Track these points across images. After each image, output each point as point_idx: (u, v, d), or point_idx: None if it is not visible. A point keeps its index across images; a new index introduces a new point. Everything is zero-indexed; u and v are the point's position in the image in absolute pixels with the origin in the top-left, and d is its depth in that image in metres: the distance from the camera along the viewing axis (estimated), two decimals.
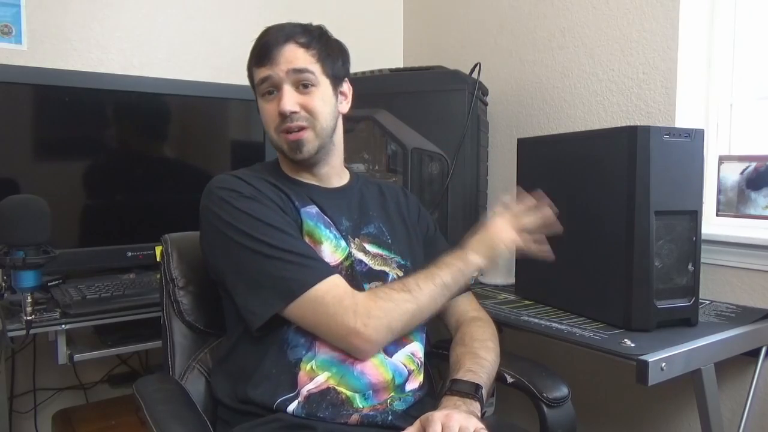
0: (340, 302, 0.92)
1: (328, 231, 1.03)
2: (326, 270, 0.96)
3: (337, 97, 1.07)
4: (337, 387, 0.93)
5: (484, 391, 0.94)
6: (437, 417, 0.83)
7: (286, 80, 1.00)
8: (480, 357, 1.01)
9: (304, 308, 0.92)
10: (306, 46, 1.02)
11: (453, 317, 1.14)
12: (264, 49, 1.01)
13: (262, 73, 1.01)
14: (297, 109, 1.00)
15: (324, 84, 1.04)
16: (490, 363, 1.01)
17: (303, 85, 1.01)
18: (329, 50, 1.05)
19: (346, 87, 1.11)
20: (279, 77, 1.00)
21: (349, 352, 0.94)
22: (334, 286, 0.93)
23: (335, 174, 1.12)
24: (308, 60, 1.02)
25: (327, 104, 1.04)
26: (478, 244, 1.05)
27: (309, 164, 1.07)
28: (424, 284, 0.97)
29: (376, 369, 0.96)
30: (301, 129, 1.01)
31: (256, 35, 1.06)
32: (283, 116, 1.00)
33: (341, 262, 1.02)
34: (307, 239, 1.00)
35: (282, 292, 0.93)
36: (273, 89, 1.02)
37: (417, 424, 0.85)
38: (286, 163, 1.10)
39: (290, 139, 1.02)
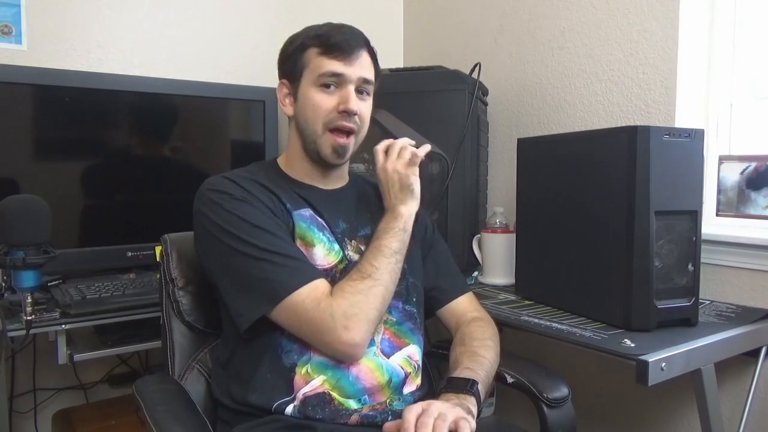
0: (318, 306, 0.92)
1: (321, 234, 1.03)
2: (311, 273, 0.96)
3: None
4: (331, 392, 0.94)
5: (480, 387, 0.94)
6: (419, 404, 0.84)
7: (355, 83, 1.02)
8: (478, 355, 1.01)
9: (289, 311, 0.92)
10: (372, 57, 1.06)
11: (453, 318, 1.14)
12: (343, 46, 1.01)
13: (334, 66, 1.01)
14: (359, 111, 1.02)
15: (371, 98, 1.08)
16: (489, 361, 1.01)
17: (359, 92, 1.04)
18: (380, 70, 1.10)
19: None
20: (350, 77, 1.02)
21: (337, 358, 0.94)
22: (314, 290, 0.93)
23: (339, 177, 1.12)
24: (372, 72, 1.06)
25: (369, 116, 1.08)
26: (391, 194, 1.04)
27: (330, 168, 1.08)
28: (377, 261, 0.96)
29: (371, 373, 0.96)
30: (351, 133, 1.03)
31: (256, 35, 1.06)
32: (346, 114, 1.01)
33: (335, 265, 1.02)
34: (299, 242, 1.00)
35: (268, 295, 0.93)
36: (334, 84, 1.02)
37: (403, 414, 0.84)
38: (296, 163, 1.09)
39: (340, 143, 1.03)
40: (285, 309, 0.92)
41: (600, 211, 1.20)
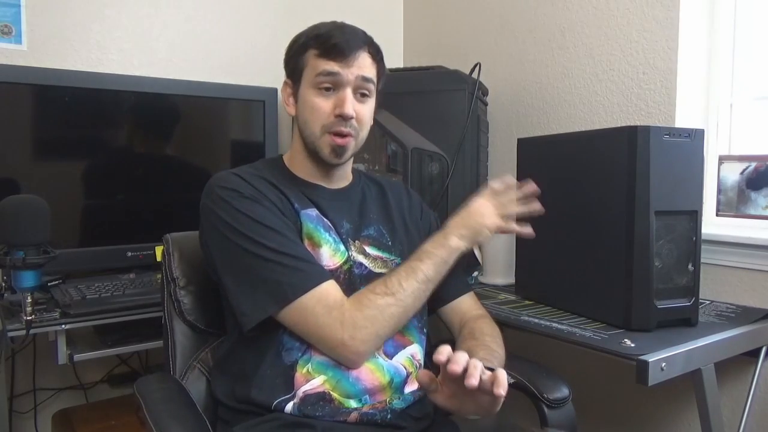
0: (329, 313, 0.92)
1: (327, 234, 1.02)
2: (321, 275, 0.95)
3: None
4: (332, 392, 0.94)
5: None
6: (457, 353, 0.78)
7: (352, 84, 1.01)
8: (493, 350, 1.01)
9: (297, 314, 0.92)
10: (374, 57, 1.04)
11: (457, 316, 1.14)
12: (340, 46, 1.00)
13: (330, 67, 1.00)
14: (354, 115, 1.01)
15: (373, 99, 1.06)
16: (501, 357, 1.01)
17: (360, 94, 1.03)
18: (384, 69, 1.08)
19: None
20: (346, 79, 1.00)
21: (339, 361, 0.94)
22: (325, 295, 0.93)
23: (342, 176, 1.12)
24: (373, 72, 1.04)
25: (371, 118, 1.07)
26: (460, 227, 1.02)
27: (332, 167, 1.07)
28: (407, 283, 0.96)
29: (372, 374, 0.96)
30: (349, 135, 1.02)
31: (256, 35, 1.06)
32: (343, 118, 1.00)
33: (340, 266, 1.01)
34: (306, 242, 1.00)
35: (276, 296, 0.93)
36: (332, 86, 1.01)
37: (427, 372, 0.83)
38: (299, 162, 1.09)
39: (338, 143, 1.02)
40: (293, 311, 0.92)
41: (600, 211, 1.20)
